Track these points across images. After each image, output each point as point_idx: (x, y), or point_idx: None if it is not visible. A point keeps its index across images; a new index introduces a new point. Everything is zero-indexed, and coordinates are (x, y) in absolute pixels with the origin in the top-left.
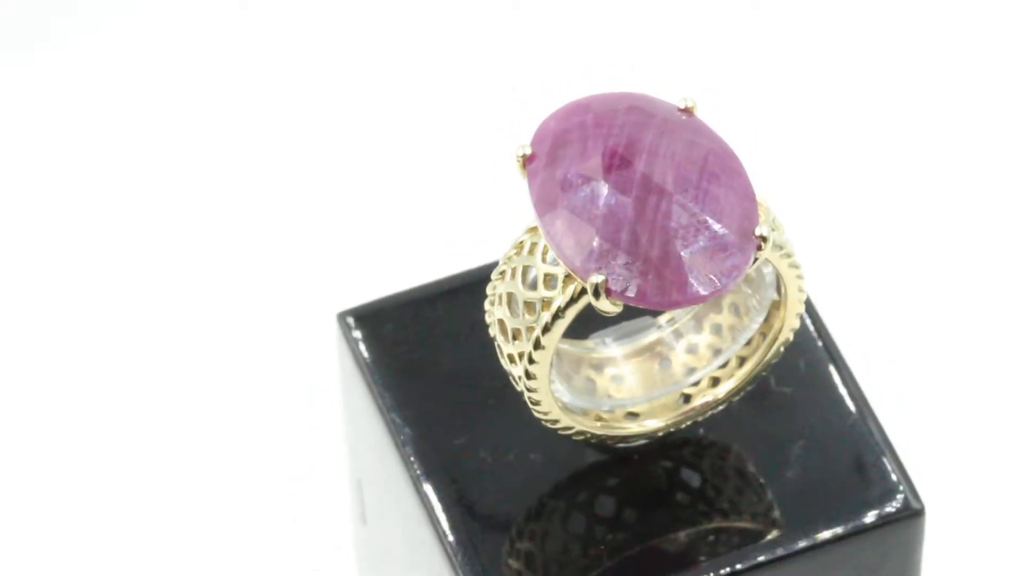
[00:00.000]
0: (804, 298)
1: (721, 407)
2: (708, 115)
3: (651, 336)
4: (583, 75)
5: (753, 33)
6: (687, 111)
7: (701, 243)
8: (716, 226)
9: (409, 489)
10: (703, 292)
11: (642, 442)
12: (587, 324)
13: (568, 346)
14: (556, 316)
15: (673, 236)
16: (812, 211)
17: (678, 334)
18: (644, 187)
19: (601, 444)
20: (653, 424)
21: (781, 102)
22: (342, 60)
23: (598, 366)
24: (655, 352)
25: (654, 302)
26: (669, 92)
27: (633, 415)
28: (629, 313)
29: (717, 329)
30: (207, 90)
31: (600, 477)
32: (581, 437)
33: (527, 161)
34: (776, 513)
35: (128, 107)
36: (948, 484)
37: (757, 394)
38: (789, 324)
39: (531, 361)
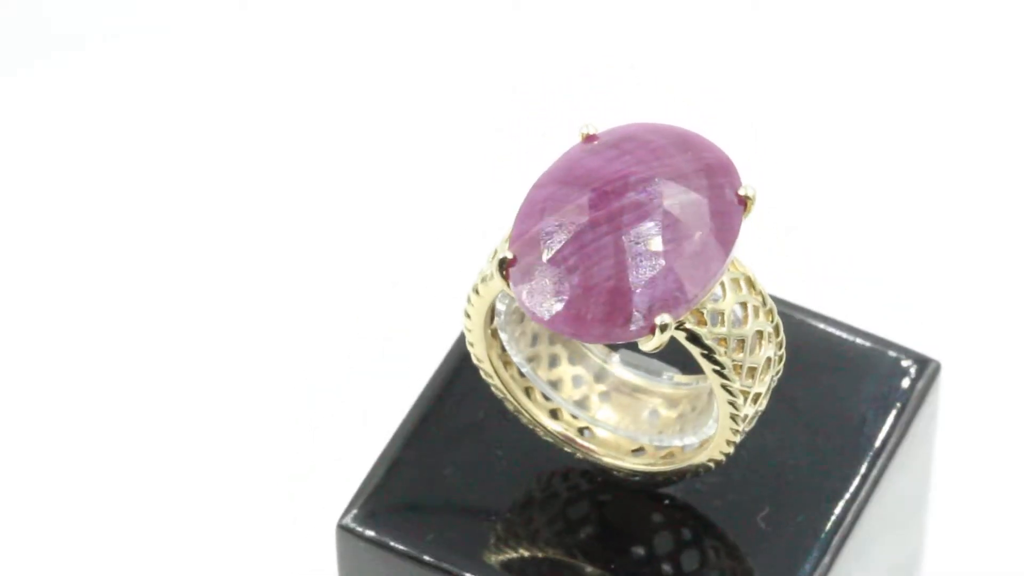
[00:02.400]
0: (733, 427)
1: (640, 478)
2: (708, 115)
3: (655, 384)
4: (583, 75)
5: (753, 33)
6: (740, 199)
7: (605, 288)
8: (627, 287)
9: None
10: (563, 329)
11: (638, 478)
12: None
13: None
14: (497, 271)
15: (584, 267)
16: (811, 211)
17: (677, 399)
18: (610, 217)
19: (527, 423)
20: (590, 447)
21: (781, 102)
22: (342, 61)
23: (596, 374)
24: (649, 399)
25: (524, 305)
26: (678, 105)
27: (588, 431)
28: (660, 354)
29: (705, 414)
30: (200, 96)
31: (597, 486)
32: (509, 406)
33: (585, 139)
34: None
35: (150, 102)
36: (949, 482)
37: (743, 513)
38: (716, 444)
39: (468, 301)
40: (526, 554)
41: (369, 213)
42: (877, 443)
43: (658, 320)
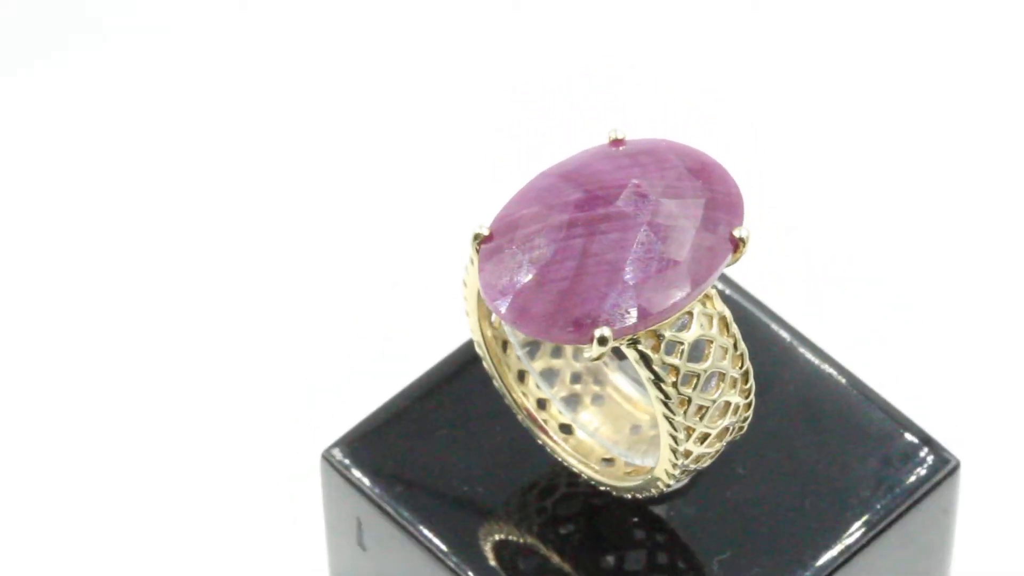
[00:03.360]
0: (672, 459)
1: (603, 487)
2: (708, 115)
3: (647, 399)
4: (583, 75)
5: (753, 33)
6: (732, 239)
7: (557, 288)
8: (578, 291)
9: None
10: (506, 316)
11: (649, 493)
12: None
13: None
14: (471, 244)
15: (545, 263)
16: (811, 211)
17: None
18: (589, 221)
19: (509, 404)
20: (564, 445)
21: (781, 102)
22: (342, 61)
23: (596, 375)
24: (639, 413)
25: (480, 282)
26: (678, 105)
27: (566, 428)
28: None
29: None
30: (197, 100)
31: (593, 490)
32: (496, 384)
33: (612, 142)
34: None
35: (135, 109)
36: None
37: (703, 551)
38: (657, 472)
39: (466, 271)
40: (499, 535)
41: (369, 213)
42: (861, 525)
43: (597, 332)
